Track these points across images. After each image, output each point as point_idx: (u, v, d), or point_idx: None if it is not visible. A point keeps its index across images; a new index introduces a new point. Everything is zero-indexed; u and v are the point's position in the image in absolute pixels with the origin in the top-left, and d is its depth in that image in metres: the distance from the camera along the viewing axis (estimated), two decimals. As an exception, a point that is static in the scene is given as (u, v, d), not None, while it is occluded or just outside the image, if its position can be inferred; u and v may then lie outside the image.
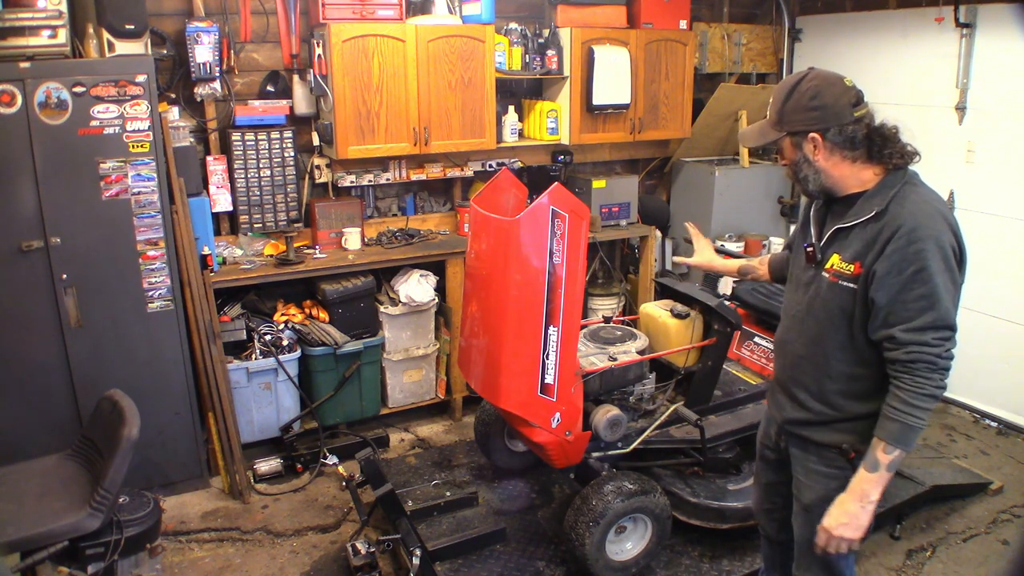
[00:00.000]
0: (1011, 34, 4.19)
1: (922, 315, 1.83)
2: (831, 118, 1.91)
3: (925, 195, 1.93)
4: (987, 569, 3.22)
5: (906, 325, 1.85)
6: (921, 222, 1.84)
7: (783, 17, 5.47)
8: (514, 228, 2.62)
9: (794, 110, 1.95)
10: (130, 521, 2.64)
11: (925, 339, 1.83)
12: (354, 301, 4.13)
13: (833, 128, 1.91)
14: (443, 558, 3.06)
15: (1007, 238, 4.32)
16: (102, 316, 3.45)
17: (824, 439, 2.08)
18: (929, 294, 1.82)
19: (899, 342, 1.85)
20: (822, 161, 1.96)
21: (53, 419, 3.42)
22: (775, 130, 2.01)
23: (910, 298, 1.84)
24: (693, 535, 3.19)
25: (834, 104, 1.91)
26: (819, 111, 1.92)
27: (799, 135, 1.96)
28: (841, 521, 1.92)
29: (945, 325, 1.84)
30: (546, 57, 4.59)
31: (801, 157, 1.98)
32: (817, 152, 1.95)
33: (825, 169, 1.97)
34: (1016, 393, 4.34)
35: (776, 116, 2.00)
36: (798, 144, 1.97)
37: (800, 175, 2.02)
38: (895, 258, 1.85)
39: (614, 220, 4.97)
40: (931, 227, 1.84)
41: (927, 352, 1.83)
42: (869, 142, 1.93)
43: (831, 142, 1.93)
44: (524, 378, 2.73)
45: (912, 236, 1.83)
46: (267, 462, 3.94)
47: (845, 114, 1.91)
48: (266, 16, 4.14)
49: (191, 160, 3.82)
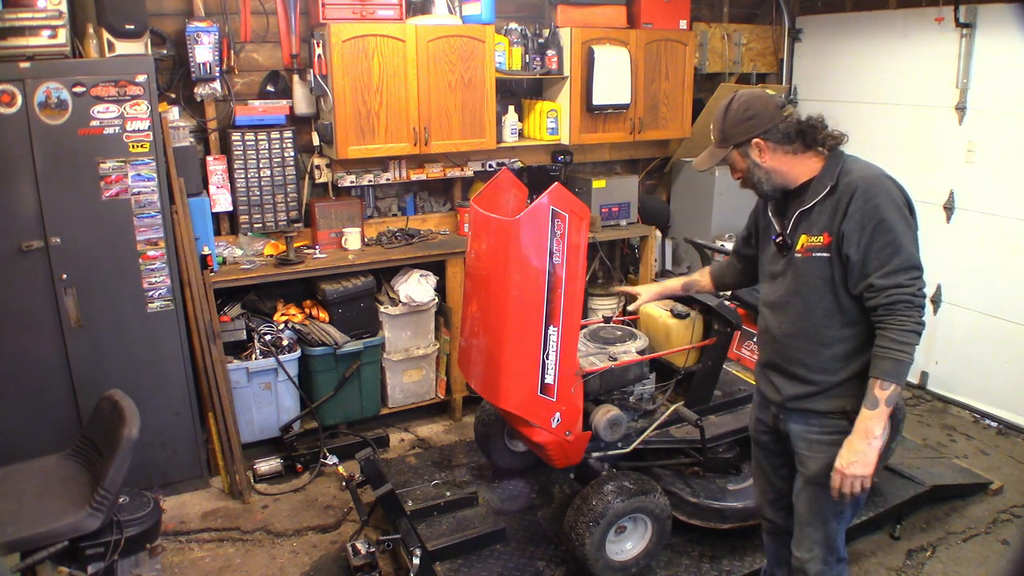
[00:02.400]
0: (1011, 34, 4.19)
1: (891, 260, 2.03)
2: (766, 121, 2.16)
3: (866, 164, 2.18)
4: (987, 569, 3.22)
5: (880, 272, 2.04)
6: (871, 183, 2.08)
7: (783, 17, 5.47)
8: (514, 228, 2.62)
9: (733, 125, 2.19)
10: (130, 521, 2.64)
11: (899, 281, 2.03)
12: (354, 301, 4.13)
13: (770, 129, 2.15)
14: (443, 558, 3.06)
15: (1007, 238, 4.32)
16: (102, 316, 3.45)
17: (827, 407, 2.20)
18: (892, 240, 2.03)
19: (877, 288, 2.04)
20: (768, 161, 2.19)
21: (53, 419, 3.42)
22: (722, 148, 2.24)
23: (877, 247, 2.04)
24: (693, 535, 3.19)
25: (764, 110, 2.17)
26: (754, 119, 2.17)
27: (744, 144, 2.19)
28: (852, 459, 2.06)
29: (912, 265, 2.05)
30: (546, 57, 4.59)
31: (751, 163, 2.21)
32: (763, 154, 2.18)
33: (773, 168, 2.20)
34: (1016, 393, 4.34)
35: (720, 136, 2.24)
36: (745, 153, 2.20)
37: (754, 180, 2.24)
38: (857, 216, 2.06)
39: (614, 220, 4.97)
40: (880, 185, 2.09)
41: (903, 292, 2.02)
42: (802, 134, 2.17)
43: (772, 141, 2.16)
44: (524, 378, 2.72)
45: (867, 194, 2.06)
46: (267, 462, 3.94)
47: (776, 115, 2.16)
48: (266, 16, 4.14)
49: (191, 160, 3.82)
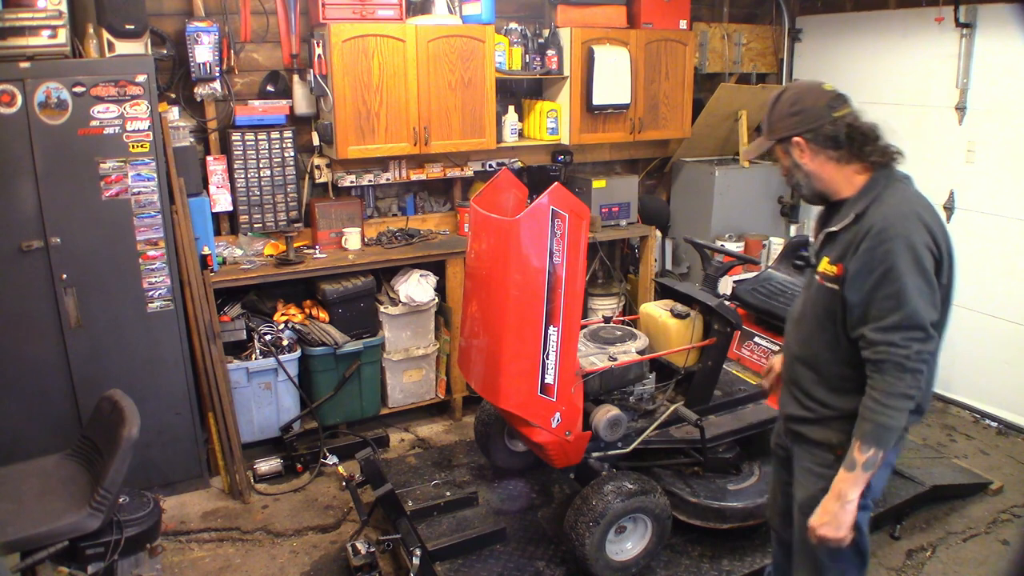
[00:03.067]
0: (1011, 34, 4.19)
1: (890, 315, 1.86)
2: (811, 120, 1.99)
3: (904, 196, 1.96)
4: (987, 569, 3.22)
5: (875, 324, 1.88)
6: (892, 222, 1.88)
7: (783, 17, 5.47)
8: (514, 228, 2.62)
9: (778, 118, 2.05)
10: (130, 521, 2.64)
11: (892, 339, 1.86)
12: (354, 301, 4.13)
13: (814, 129, 1.98)
14: (443, 558, 3.06)
15: (1007, 238, 4.32)
16: (102, 316, 3.45)
17: (817, 436, 2.11)
18: (896, 294, 1.85)
19: (868, 341, 1.90)
20: (809, 164, 2.03)
21: (53, 419, 3.42)
22: (767, 140, 2.11)
23: (878, 297, 1.87)
24: (693, 535, 3.19)
25: (812, 107, 1.99)
26: (799, 115, 2.00)
27: (785, 141, 2.04)
28: (823, 520, 1.97)
29: (914, 325, 1.85)
30: (546, 57, 4.59)
31: (791, 163, 2.06)
32: (803, 155, 2.02)
33: (813, 172, 2.04)
34: (1016, 393, 4.34)
35: (766, 127, 2.10)
36: (787, 150, 2.05)
37: (793, 180, 2.10)
38: (865, 258, 1.90)
39: (614, 220, 4.97)
40: (902, 227, 1.87)
41: (895, 352, 1.85)
42: (850, 141, 1.98)
43: (814, 143, 2.00)
44: (524, 378, 2.73)
45: (882, 236, 1.87)
46: (267, 462, 3.94)
47: (823, 115, 1.98)
48: (266, 16, 4.14)
49: (191, 160, 3.82)
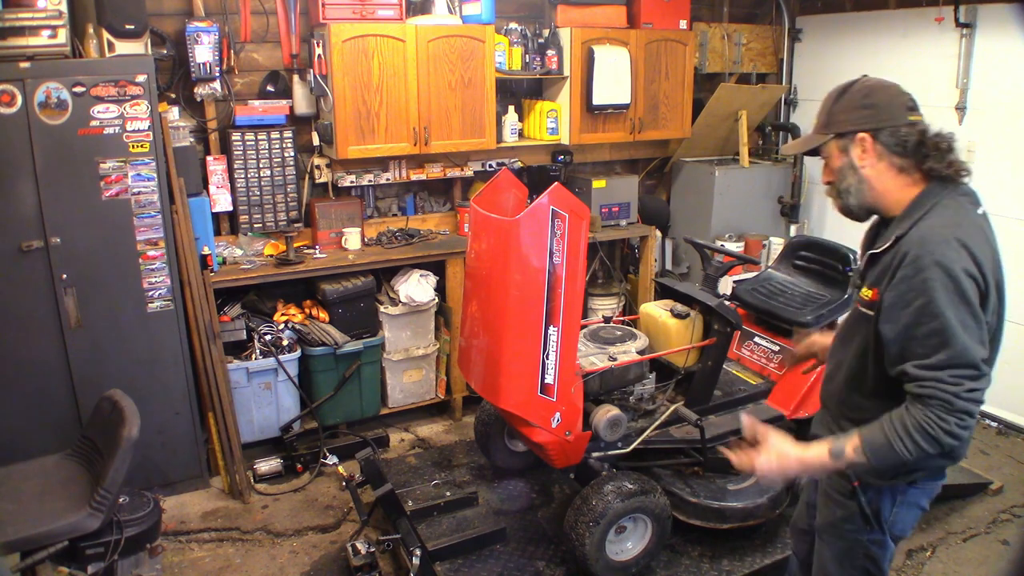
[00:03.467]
0: (1011, 34, 4.19)
1: (936, 353, 1.67)
2: (884, 118, 1.77)
3: (953, 217, 1.73)
4: (987, 569, 3.22)
5: (919, 362, 1.69)
6: (929, 248, 1.67)
7: (783, 17, 5.47)
8: (514, 228, 2.61)
9: (844, 110, 1.82)
10: (130, 521, 2.64)
11: (940, 376, 1.66)
12: (354, 301, 4.13)
13: (886, 129, 1.77)
14: (443, 558, 3.06)
15: (1007, 238, 4.27)
16: (102, 316, 3.45)
17: None
18: (941, 330, 1.65)
19: (912, 377, 1.71)
20: (868, 168, 1.80)
21: (53, 419, 3.42)
22: (820, 134, 1.86)
23: (920, 335, 1.68)
24: (693, 535, 3.19)
25: (888, 104, 1.78)
26: (871, 109, 1.78)
27: (847, 136, 1.81)
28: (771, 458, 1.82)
29: (965, 363, 1.65)
30: (546, 57, 4.59)
31: (847, 163, 1.83)
32: (865, 156, 1.80)
33: (870, 179, 1.81)
34: (1016, 393, 4.34)
35: (824, 118, 1.86)
36: (845, 148, 1.82)
37: (842, 186, 1.85)
38: (902, 288, 1.70)
39: (614, 220, 4.97)
40: (939, 253, 1.66)
41: (942, 389, 1.65)
42: (920, 148, 1.77)
43: (882, 144, 1.78)
44: (524, 378, 2.72)
45: (918, 264, 1.68)
46: (267, 462, 3.94)
47: (899, 116, 1.77)
48: (266, 16, 4.14)
49: (191, 160, 3.82)
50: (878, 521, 1.95)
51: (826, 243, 3.71)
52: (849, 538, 2.01)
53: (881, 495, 1.94)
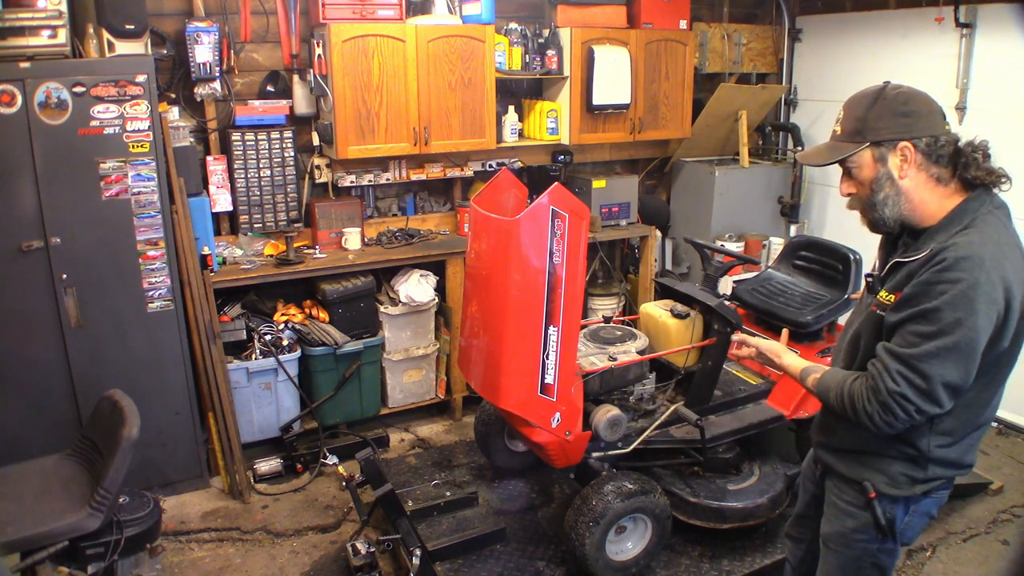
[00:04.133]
0: (1011, 34, 4.19)
1: (907, 347, 1.69)
2: (924, 126, 1.71)
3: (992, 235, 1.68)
4: (987, 569, 3.22)
5: (889, 346, 1.74)
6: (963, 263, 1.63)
7: (783, 17, 5.47)
8: (514, 228, 2.61)
9: (882, 116, 1.72)
10: (130, 521, 2.64)
11: (889, 366, 1.70)
12: (354, 301, 4.13)
13: (927, 137, 1.70)
14: (443, 558, 3.06)
15: (1007, 238, 4.32)
16: (102, 316, 3.45)
17: (848, 473, 1.96)
18: (928, 334, 1.66)
19: (876, 355, 1.77)
20: (909, 179, 1.73)
21: (53, 419, 3.42)
22: (852, 143, 1.75)
23: (909, 330, 1.70)
24: (693, 535, 3.19)
25: (928, 113, 1.72)
26: (911, 117, 1.71)
27: (886, 145, 1.72)
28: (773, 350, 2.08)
29: (918, 370, 1.67)
30: (546, 57, 4.59)
31: (884, 174, 1.74)
32: (906, 166, 1.72)
33: (908, 191, 1.74)
34: (1016, 393, 4.29)
35: (856, 125, 1.75)
36: (882, 157, 1.73)
37: (877, 198, 1.76)
38: (919, 288, 1.68)
39: (614, 220, 4.97)
40: (972, 272, 1.62)
41: (882, 378, 1.71)
42: (958, 156, 1.73)
43: (923, 154, 1.71)
44: (524, 378, 2.72)
45: (945, 275, 1.64)
46: (267, 462, 3.94)
47: (939, 125, 1.72)
48: (266, 16, 4.14)
49: (191, 160, 3.82)
50: (892, 531, 1.94)
51: (826, 243, 3.71)
52: (858, 548, 2.00)
53: (896, 505, 1.93)
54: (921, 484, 1.89)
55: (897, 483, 1.88)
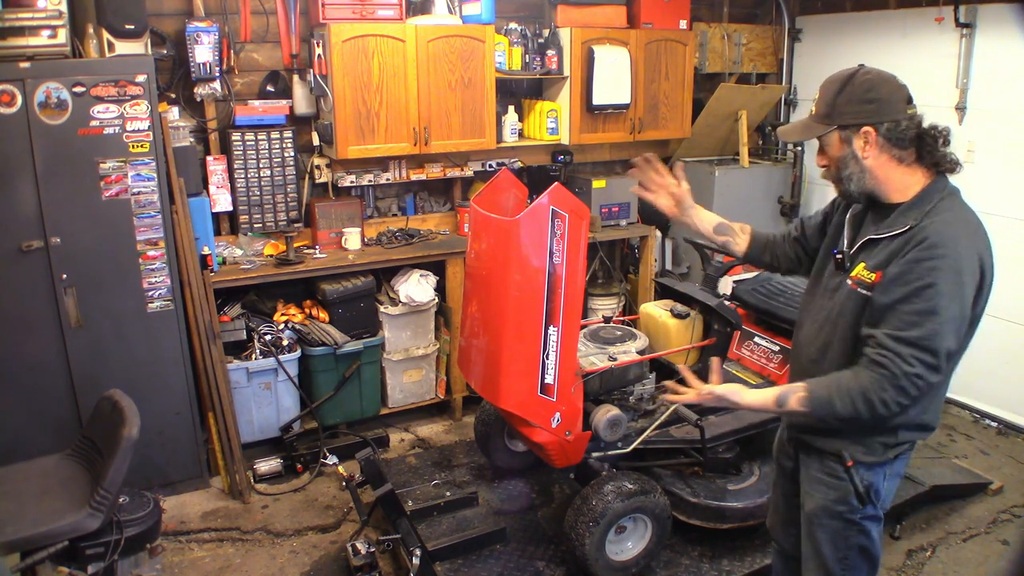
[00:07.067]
0: (1011, 34, 4.19)
1: (910, 329, 1.77)
2: (886, 112, 1.84)
3: (961, 215, 1.85)
4: (987, 569, 3.22)
5: (891, 332, 1.79)
6: (946, 241, 1.78)
7: (783, 17, 5.47)
8: (514, 228, 2.62)
9: (847, 102, 1.87)
10: (130, 521, 2.64)
11: (901, 351, 1.77)
12: (354, 301, 4.13)
13: (888, 123, 1.84)
14: (443, 558, 3.06)
15: (1007, 238, 4.31)
16: (102, 316, 3.45)
17: (825, 446, 2.04)
18: (927, 312, 1.76)
19: (877, 342, 1.81)
20: (871, 159, 1.88)
21: (53, 419, 3.42)
22: (822, 124, 1.92)
23: (906, 309, 1.78)
24: (693, 535, 3.19)
25: (889, 98, 1.85)
26: (874, 104, 1.85)
27: (851, 129, 1.87)
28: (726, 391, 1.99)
29: (929, 348, 1.77)
30: (546, 57, 4.59)
31: (849, 154, 1.90)
32: (868, 148, 1.87)
33: (872, 169, 1.89)
34: (1016, 393, 4.34)
35: (825, 109, 1.91)
36: (847, 139, 1.89)
37: (843, 173, 1.92)
38: (908, 267, 1.79)
39: (614, 220, 4.97)
40: (954, 248, 1.77)
41: (897, 364, 1.77)
42: (919, 143, 1.86)
43: (884, 138, 1.85)
44: (524, 378, 2.72)
45: (932, 252, 1.77)
46: (267, 462, 3.94)
47: (900, 110, 1.85)
48: (266, 16, 4.14)
49: (191, 160, 3.82)
50: (871, 497, 2.02)
51: (826, 243, 3.70)
52: (844, 518, 2.06)
53: (872, 471, 2.02)
54: (893, 448, 2.00)
55: (873, 450, 1.98)
